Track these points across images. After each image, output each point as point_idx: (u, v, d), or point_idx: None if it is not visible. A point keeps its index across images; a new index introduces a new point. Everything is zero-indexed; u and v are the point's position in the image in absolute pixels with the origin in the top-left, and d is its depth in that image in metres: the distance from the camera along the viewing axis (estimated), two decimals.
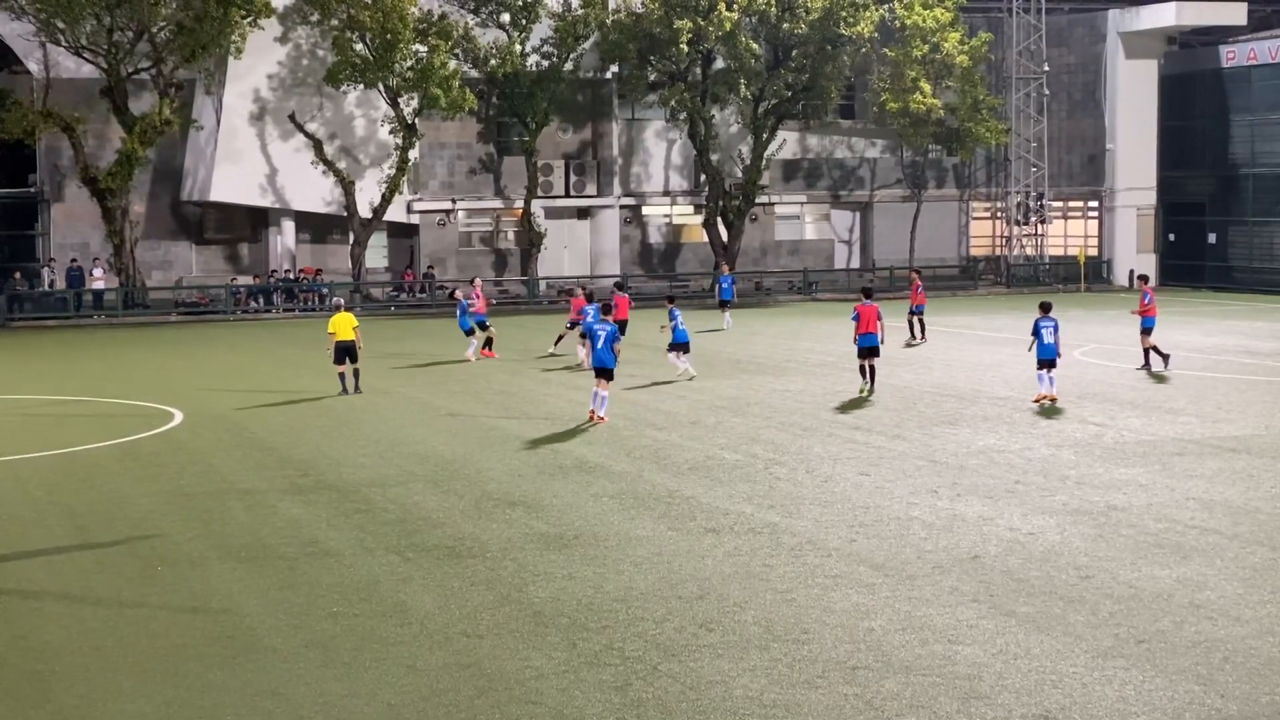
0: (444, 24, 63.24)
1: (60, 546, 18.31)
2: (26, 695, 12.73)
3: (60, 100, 60.27)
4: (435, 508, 20.28)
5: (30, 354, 44.52)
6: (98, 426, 28.36)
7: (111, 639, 14.33)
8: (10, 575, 16.84)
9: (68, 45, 59.85)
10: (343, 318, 32.99)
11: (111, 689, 12.87)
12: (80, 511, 20.46)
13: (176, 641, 14.20)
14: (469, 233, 70.74)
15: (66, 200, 65.44)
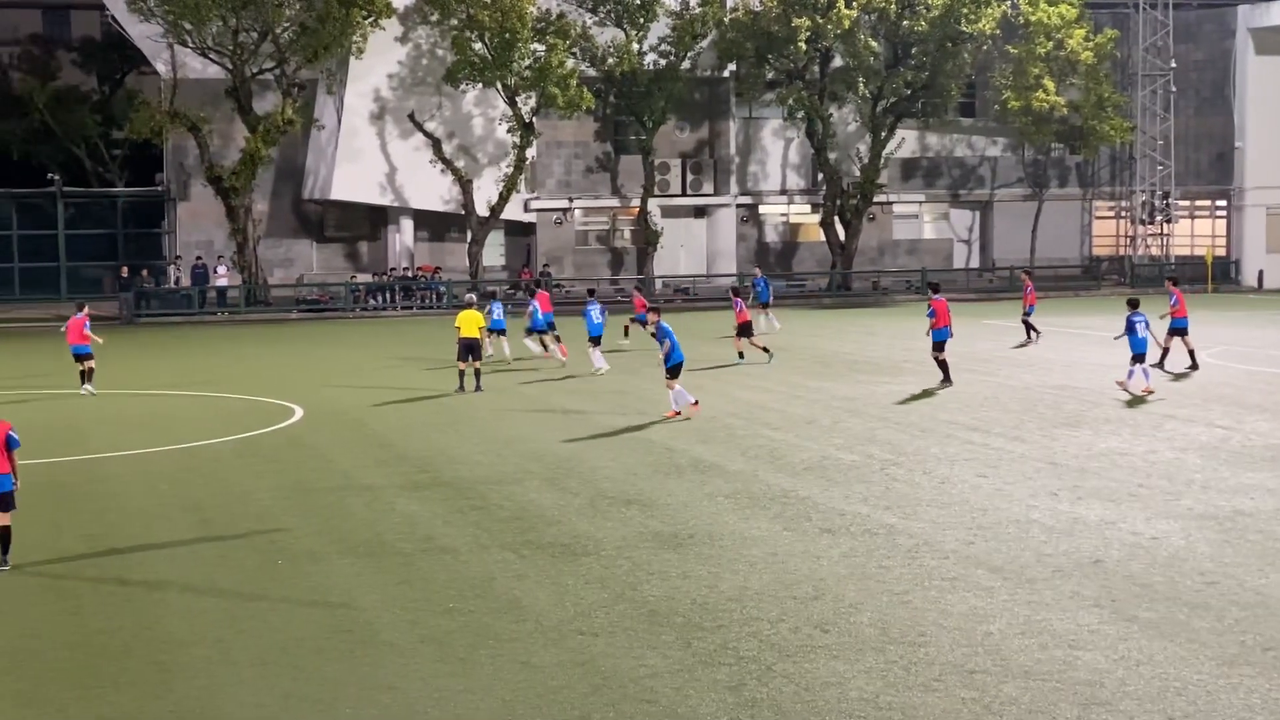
0: (562, 23, 63.48)
1: (184, 539, 18.57)
2: (150, 685, 12.92)
3: (187, 101, 61.29)
4: (550, 505, 20.33)
5: (156, 350, 45.28)
6: (220, 422, 28.76)
7: (233, 631, 14.50)
8: (136, 567, 17.11)
9: (194, 46, 60.85)
10: (470, 315, 33.14)
11: (232, 680, 13.03)
12: (203, 505, 20.75)
13: (295, 634, 14.34)
14: (585, 231, 70.95)
15: (192, 199, 66.55)
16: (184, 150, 65.42)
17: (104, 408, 31.42)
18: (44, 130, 73.63)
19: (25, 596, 15.87)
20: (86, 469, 23.57)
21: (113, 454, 24.88)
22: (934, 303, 32.75)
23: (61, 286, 67.19)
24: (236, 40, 60.71)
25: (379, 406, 30.83)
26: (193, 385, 35.17)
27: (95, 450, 25.02)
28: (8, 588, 16.20)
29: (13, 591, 16.06)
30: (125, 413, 30.61)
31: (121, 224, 70.26)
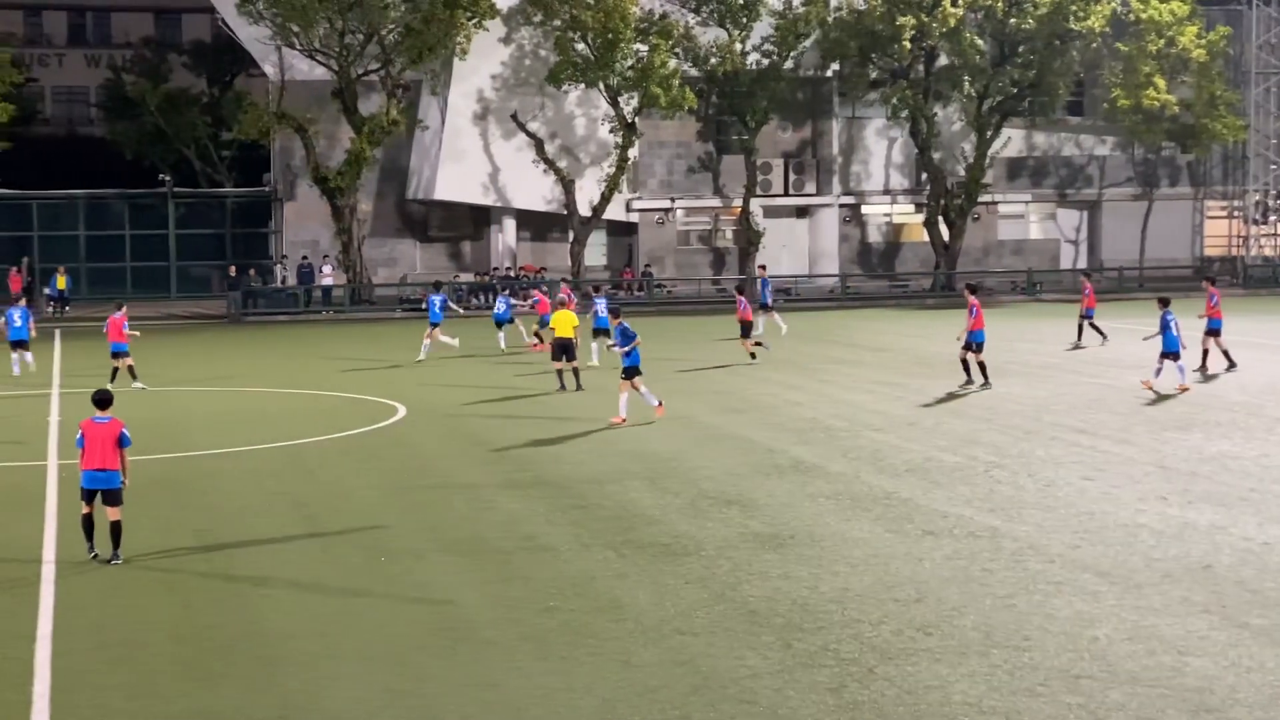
0: (665, 23, 63.49)
1: (288, 535, 18.76)
2: (256, 679, 13.05)
3: (294, 102, 61.98)
4: (651, 505, 20.31)
5: (262, 348, 45.79)
6: (324, 420, 29.02)
7: (336, 627, 14.61)
8: (242, 562, 17.30)
9: (302, 48, 61.51)
10: (564, 315, 33.29)
11: (336, 675, 13.12)
12: (307, 502, 20.95)
13: (398, 631, 14.43)
14: (687, 231, 70.93)
15: (298, 199, 67.28)
16: (291, 151, 66.15)
17: (211, 405, 31.82)
18: (156, 132, 74.79)
19: (135, 590, 16.09)
20: (194, 466, 23.87)
21: (220, 451, 25.18)
22: (972, 303, 32.51)
23: (171, 285, 68.21)
24: (343, 42, 61.28)
25: (481, 406, 30.97)
26: (298, 383, 35.53)
27: (203, 447, 25.33)
28: (118, 582, 16.44)
29: (123, 585, 16.29)
30: (232, 410, 30.97)
31: (229, 224, 71.18)
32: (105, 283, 67.41)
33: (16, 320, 37.26)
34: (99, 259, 68.70)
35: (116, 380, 33.93)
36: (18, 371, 37.10)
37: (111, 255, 68.98)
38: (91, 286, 67.71)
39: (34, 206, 68.73)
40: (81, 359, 41.42)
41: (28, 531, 18.84)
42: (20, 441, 26.70)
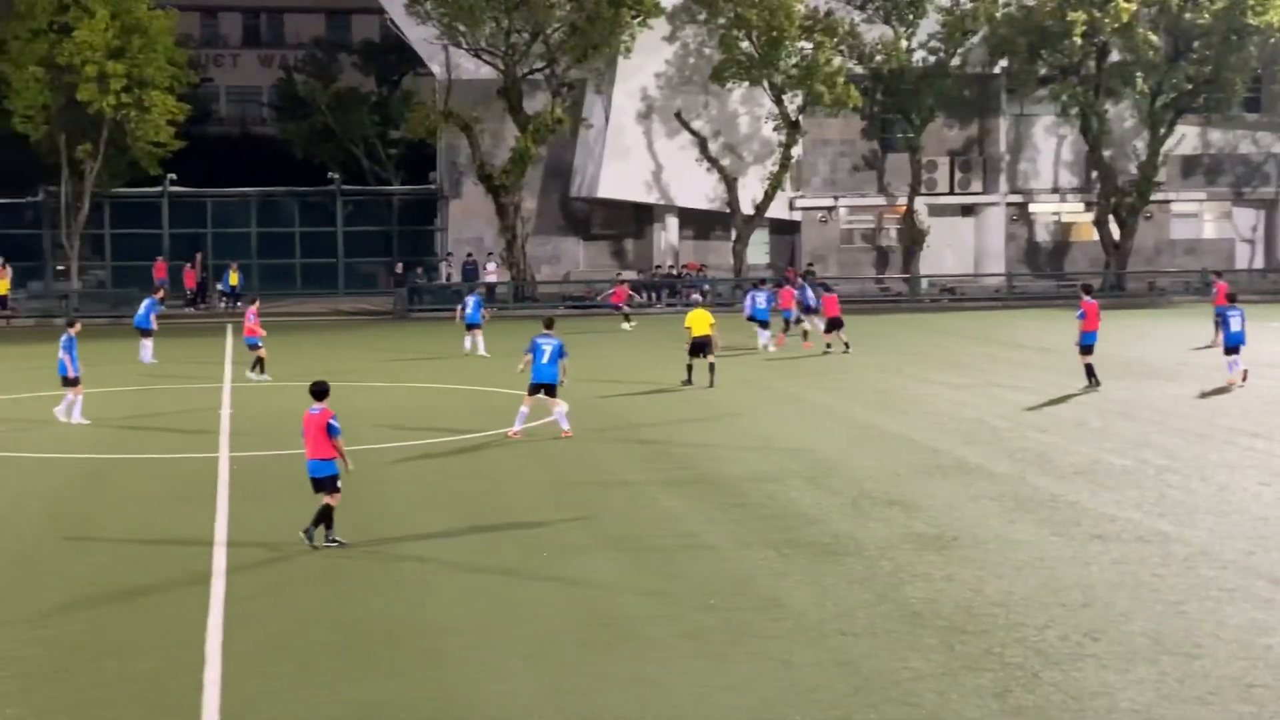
0: (830, 21, 63.15)
1: (450, 529, 18.93)
2: (417, 671, 13.17)
3: (460, 101, 62.67)
4: (811, 504, 20.18)
5: (427, 344, 46.33)
6: (486, 415, 29.26)
7: (497, 621, 14.71)
8: (405, 555, 17.50)
9: (468, 48, 62.20)
10: (699, 314, 33.84)
11: (496, 669, 13.21)
12: (469, 497, 21.12)
13: (558, 626, 14.48)
14: (850, 230, 70.49)
15: (463, 197, 68.04)
16: (456, 149, 66.90)
17: (375, 400, 32.26)
18: (325, 130, 76.11)
19: (301, 581, 16.35)
20: (360, 459, 24.15)
21: (385, 445, 25.51)
22: (1084, 304, 31.99)
23: (339, 281, 69.38)
24: (508, 41, 61.84)
25: (641, 403, 31.03)
26: (461, 379, 35.89)
27: (368, 441, 25.69)
28: (285, 572, 16.72)
29: (290, 576, 16.57)
30: (395, 405, 31.38)
31: (396, 221, 72.25)
32: (275, 279, 68.82)
33: (140, 310, 40.31)
34: (269, 255, 70.15)
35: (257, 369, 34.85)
36: (147, 360, 39.38)
37: (281, 252, 70.40)
38: (262, 282, 69.14)
39: (208, 204, 70.41)
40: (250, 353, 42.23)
41: (200, 521, 19.24)
42: (195, 432, 27.30)
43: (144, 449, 25.59)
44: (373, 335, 50.79)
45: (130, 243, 68.55)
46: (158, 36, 60.94)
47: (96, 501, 20.94)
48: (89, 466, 23.91)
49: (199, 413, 29.90)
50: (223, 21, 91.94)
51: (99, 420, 28.58)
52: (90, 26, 58.66)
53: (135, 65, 59.76)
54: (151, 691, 12.65)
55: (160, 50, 61.10)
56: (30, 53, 59.82)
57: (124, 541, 18.24)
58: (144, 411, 30.50)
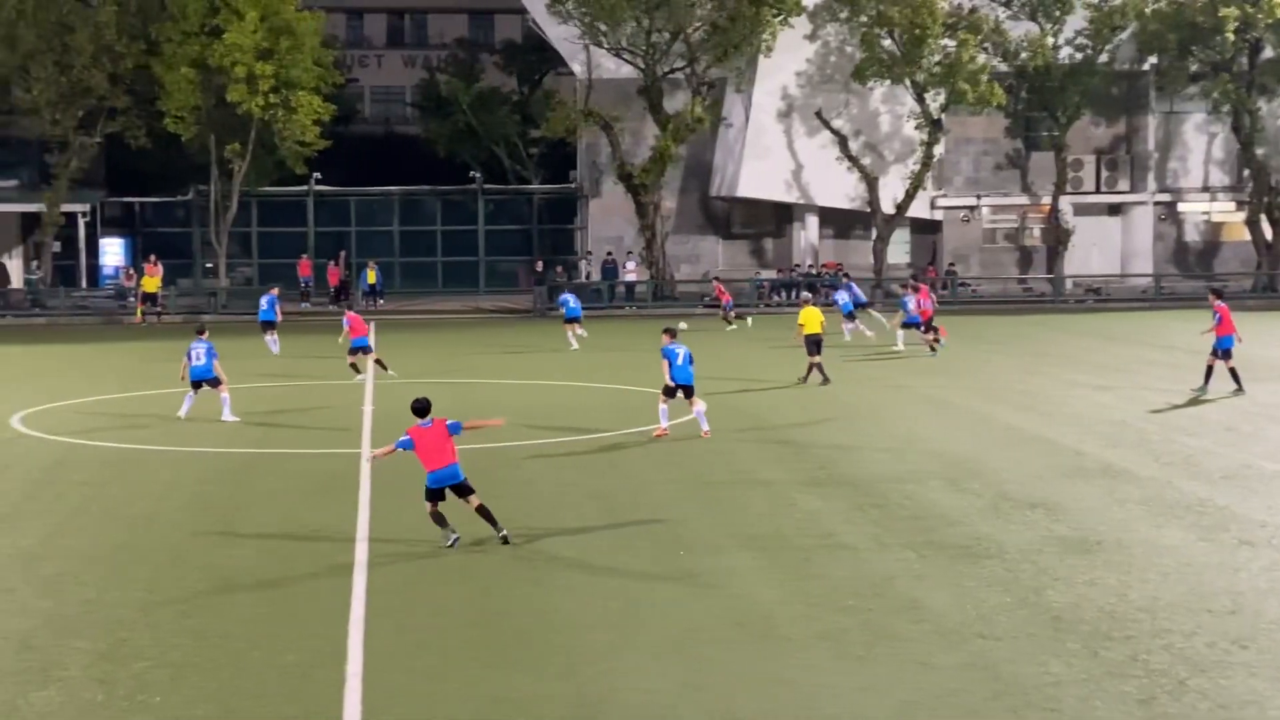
0: (974, 18, 62.52)
1: (588, 527, 18.98)
2: (553, 667, 13.23)
3: (600, 100, 62.94)
4: (952, 506, 19.97)
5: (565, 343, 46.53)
6: (624, 414, 29.32)
7: (633, 618, 14.72)
8: (542, 552, 17.58)
9: (609, 47, 62.48)
10: (811, 311, 34.09)
11: (632, 666, 13.22)
12: (607, 494, 21.18)
13: (694, 624, 14.46)
14: (993, 229, 69.71)
15: (603, 195, 68.33)
16: (597, 148, 67.20)
17: (516, 398, 32.49)
18: (467, 130, 76.81)
19: (439, 577, 16.50)
20: (499, 456, 24.37)
21: (524, 443, 25.66)
22: (1217, 307, 31.19)
23: (480, 280, 69.98)
24: (649, 40, 62.00)
25: (780, 402, 30.92)
26: (600, 378, 36.02)
27: (507, 439, 25.85)
28: (424, 568, 16.88)
29: (428, 571, 16.73)
30: (535, 403, 31.54)
31: (536, 220, 72.72)
32: (417, 277, 69.69)
33: (263, 304, 42.02)
34: (411, 254, 70.99)
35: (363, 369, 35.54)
36: (276, 351, 40.78)
37: (423, 250, 71.20)
38: (404, 280, 70.02)
39: (351, 203, 71.44)
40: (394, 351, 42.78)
41: (342, 516, 19.50)
42: (338, 429, 27.68)
43: (288, 444, 26.00)
44: (512, 333, 51.14)
45: (276, 241, 69.76)
46: (305, 38, 61.92)
47: (243, 495, 21.30)
48: (235, 461, 24.34)
49: (341, 409, 30.30)
50: (367, 23, 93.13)
51: (245, 415, 29.06)
52: (240, 29, 59.76)
53: (283, 66, 60.77)
54: (295, 683, 12.84)
55: (307, 51, 62.07)
56: (182, 55, 61.08)
57: (269, 535, 18.54)
58: (288, 407, 30.99)
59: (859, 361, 38.72)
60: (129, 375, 36.61)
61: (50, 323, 58.41)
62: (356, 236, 70.26)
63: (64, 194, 62.51)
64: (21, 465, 23.72)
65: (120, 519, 19.40)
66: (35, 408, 30.39)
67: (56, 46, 60.46)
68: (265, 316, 41.96)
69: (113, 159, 68.29)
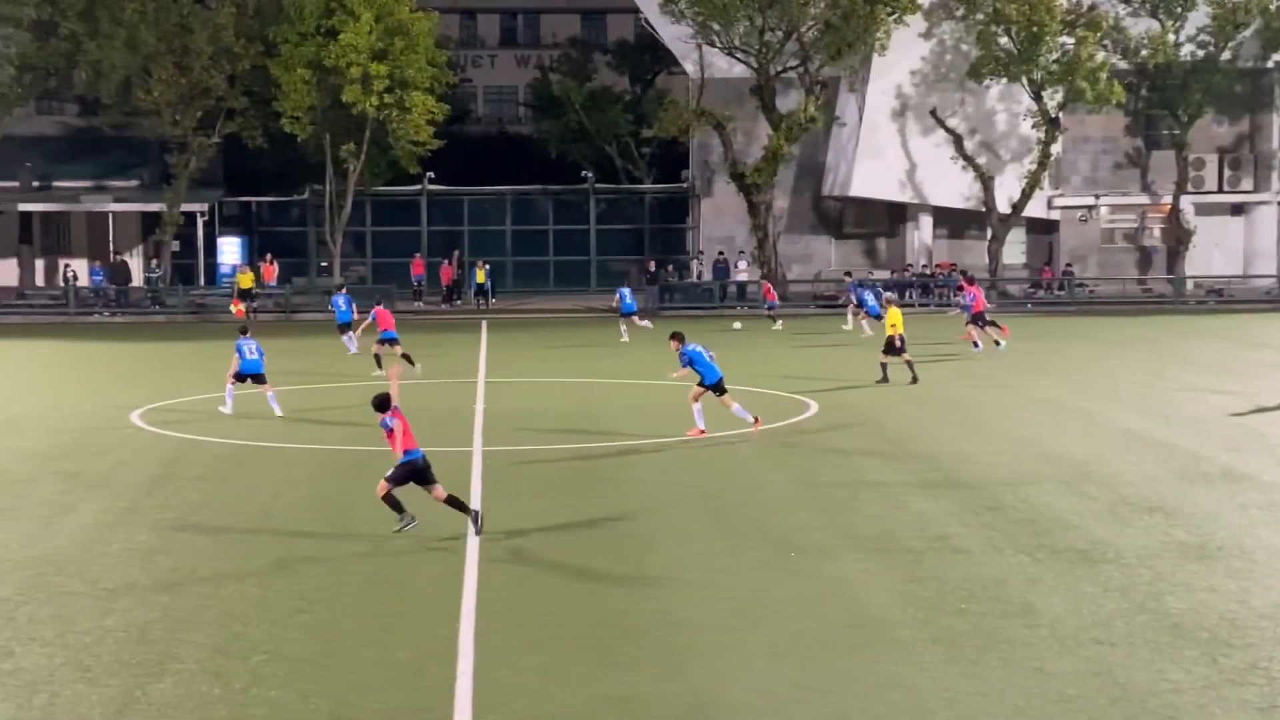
0: (1093, 15, 61.69)
1: (698, 527, 18.94)
2: (665, 667, 13.20)
3: (712, 99, 62.87)
4: (1067, 509, 19.69)
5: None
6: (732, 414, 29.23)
7: (744, 619, 14.66)
8: (652, 551, 17.56)
9: (721, 46, 62.41)
10: (895, 312, 34.34)
11: (744, 668, 13.16)
12: (718, 495, 21.11)
13: (805, 626, 14.38)
14: (1111, 229, 68.78)
15: (715, 195, 68.26)
16: (709, 148, 67.12)
17: (627, 397, 32.52)
18: (579, 129, 77.03)
19: (550, 575, 16.53)
20: (609, 455, 24.41)
21: (635, 441, 25.66)
22: None
23: (591, 279, 70.17)
24: (762, 39, 61.84)
25: (892, 403, 30.68)
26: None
27: (619, 438, 25.89)
28: (535, 566, 16.92)
29: (539, 570, 16.76)
30: (647, 402, 31.54)
31: (648, 219, 72.78)
32: (529, 276, 70.02)
33: (341, 305, 41.58)
34: (524, 253, 71.34)
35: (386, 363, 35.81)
36: (353, 350, 40.57)
37: (535, 250, 71.53)
38: (516, 279, 70.37)
39: (464, 202, 71.93)
40: (504, 349, 43.04)
41: (454, 515, 19.57)
42: (449, 426, 27.83)
43: None
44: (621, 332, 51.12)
45: (390, 240, 70.42)
46: (419, 38, 62.41)
47: (355, 491, 21.47)
48: (348, 458, 24.56)
49: (453, 408, 30.46)
50: (481, 23, 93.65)
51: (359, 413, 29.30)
52: (355, 29, 60.36)
53: (397, 67, 61.30)
54: (407, 679, 12.92)
55: (421, 52, 62.55)
56: (299, 55, 61.80)
57: (381, 532, 18.66)
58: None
59: (967, 361, 38.36)
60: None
61: (169, 320, 59.36)
62: (469, 236, 70.74)
63: (183, 194, 63.53)
64: (140, 461, 24.10)
65: (235, 514, 19.64)
66: (154, 404, 30.87)
67: (176, 48, 61.40)
68: (344, 318, 41.37)
69: (230, 159, 69.27)
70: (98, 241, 67.64)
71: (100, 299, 62.95)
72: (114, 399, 31.21)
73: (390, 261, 68.19)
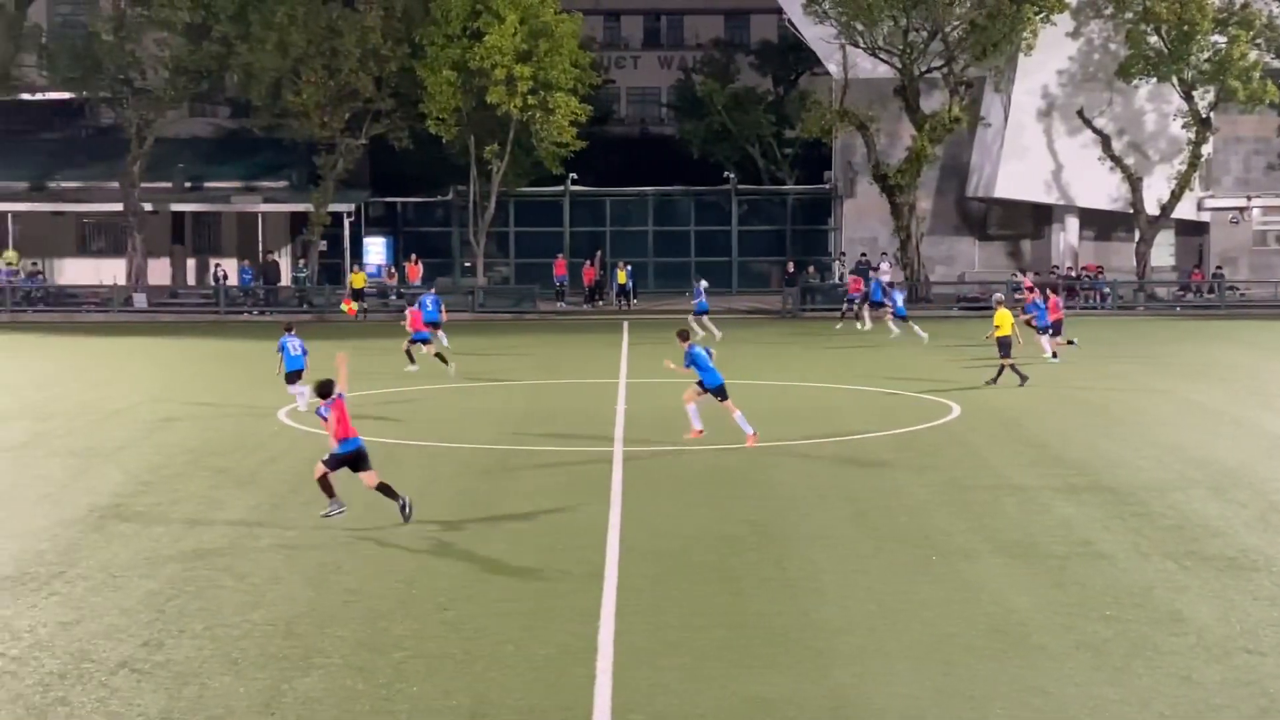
0: (1246, 13, 60.49)
1: (839, 530, 18.86)
2: (806, 669, 13.16)
3: (855, 100, 62.58)
4: (1216, 516, 19.32)
5: (818, 343, 46.39)
6: (878, 416, 29.09)
7: (885, 622, 14.58)
8: (793, 554, 17.52)
9: (865, 47, 62.10)
10: (1005, 314, 34.25)
11: (885, 671, 13.09)
12: (859, 498, 21.00)
13: (947, 630, 14.26)
14: (1264, 231, 67.38)
15: (857, 196, 67.92)
16: (852, 148, 66.82)
17: (768, 400, 32.46)
18: (722, 130, 77.02)
19: (690, 576, 16.54)
20: (751, 457, 24.38)
21: (776, 444, 25.61)
22: None
23: (732, 280, 70.14)
24: (906, 39, 61.44)
25: (1036, 405, 30.31)
26: (852, 379, 35.78)
27: (760, 439, 25.83)
28: (675, 566, 16.93)
29: (679, 570, 16.77)
30: (786, 405, 31.46)
31: (790, 220, 72.57)
32: (670, 276, 70.14)
33: (429, 305, 41.05)
34: (665, 254, 71.48)
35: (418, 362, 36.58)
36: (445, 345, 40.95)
37: (677, 250, 71.63)
38: (658, 280, 70.54)
39: (607, 203, 72.25)
40: (646, 350, 43.15)
41: (595, 513, 19.71)
42: (591, 426, 27.98)
43: (543, 441, 26.36)
44: (765, 334, 51.09)
45: (532, 240, 70.95)
46: (563, 40, 62.81)
47: (499, 490, 21.68)
48: (492, 456, 24.78)
49: (593, 408, 30.63)
50: (625, 24, 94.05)
51: (501, 412, 29.57)
52: (500, 31, 60.91)
53: (541, 68, 61.76)
54: (547, 677, 13.01)
55: (565, 53, 62.95)
56: (444, 57, 62.50)
57: (524, 530, 18.83)
58: (543, 405, 31.45)
59: (1111, 362, 37.79)
60: (384, 371, 37.50)
61: (317, 318, 60.28)
62: (611, 236, 71.04)
63: (330, 194, 64.55)
64: (287, 459, 24.52)
65: (380, 511, 19.89)
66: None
67: (325, 51, 62.38)
68: (431, 318, 40.67)
69: (376, 160, 70.24)
70: (247, 241, 69.00)
71: (250, 298, 64.15)
72: (262, 397, 31.80)
73: (533, 262, 68.71)
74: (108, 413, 30.07)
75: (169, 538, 18.41)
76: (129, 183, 64.34)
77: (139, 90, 63.93)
